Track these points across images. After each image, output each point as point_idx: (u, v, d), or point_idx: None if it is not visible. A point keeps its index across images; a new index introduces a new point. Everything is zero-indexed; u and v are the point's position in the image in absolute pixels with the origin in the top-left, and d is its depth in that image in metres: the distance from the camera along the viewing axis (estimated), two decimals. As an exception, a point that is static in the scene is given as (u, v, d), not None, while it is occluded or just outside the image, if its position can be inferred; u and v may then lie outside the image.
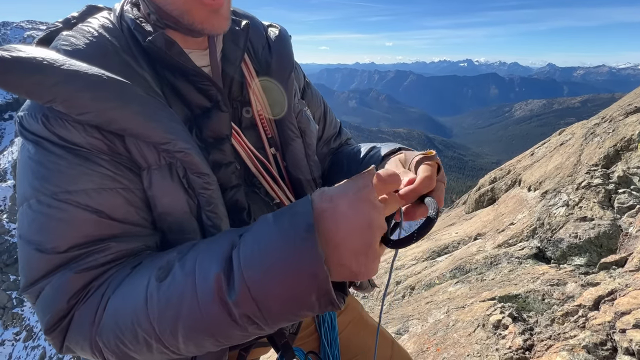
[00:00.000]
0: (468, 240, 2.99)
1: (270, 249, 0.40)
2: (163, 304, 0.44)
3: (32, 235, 0.50)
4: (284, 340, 0.71)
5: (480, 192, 4.33)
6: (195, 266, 0.44)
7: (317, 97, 0.89)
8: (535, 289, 1.61)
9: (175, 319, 0.44)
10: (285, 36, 0.77)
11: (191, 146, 0.55)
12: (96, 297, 0.49)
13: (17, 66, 0.47)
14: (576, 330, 1.26)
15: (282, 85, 0.71)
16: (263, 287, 0.40)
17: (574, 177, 2.41)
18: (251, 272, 0.40)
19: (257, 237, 0.42)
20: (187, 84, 0.60)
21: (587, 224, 1.91)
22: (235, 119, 0.67)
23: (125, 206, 0.53)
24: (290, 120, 0.72)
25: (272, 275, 0.40)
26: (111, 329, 0.47)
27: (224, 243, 0.45)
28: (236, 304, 0.41)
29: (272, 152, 0.71)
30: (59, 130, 0.51)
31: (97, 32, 0.57)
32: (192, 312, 0.43)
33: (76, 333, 0.49)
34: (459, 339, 1.51)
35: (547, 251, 2.00)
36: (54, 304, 0.49)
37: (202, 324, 0.43)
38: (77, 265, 0.50)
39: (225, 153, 0.63)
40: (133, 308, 0.46)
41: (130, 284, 0.49)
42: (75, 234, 0.50)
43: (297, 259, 0.39)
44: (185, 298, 0.43)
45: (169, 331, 0.45)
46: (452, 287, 2.14)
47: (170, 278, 0.45)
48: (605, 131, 2.66)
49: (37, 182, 0.51)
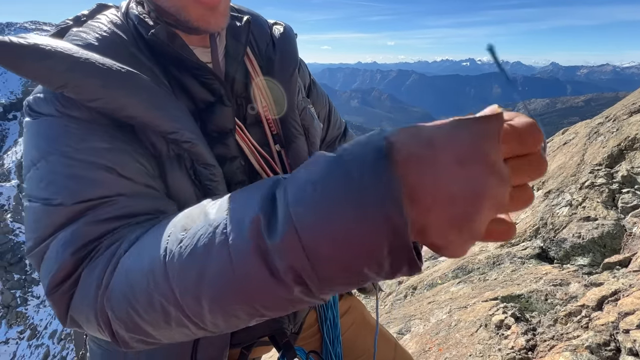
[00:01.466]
0: (470, 240, 2.98)
1: (329, 181, 0.28)
2: (185, 259, 0.35)
3: (40, 192, 0.48)
4: (286, 340, 0.71)
5: (482, 191, 4.31)
6: (227, 210, 0.34)
7: (323, 96, 0.89)
8: (538, 289, 1.60)
9: (200, 277, 0.34)
10: (290, 33, 0.76)
11: (197, 137, 0.56)
12: (106, 255, 0.43)
13: (30, 52, 0.48)
14: (579, 330, 1.26)
15: (285, 83, 0.71)
16: (316, 227, 0.28)
17: (578, 176, 2.40)
18: (301, 207, 0.29)
19: (310, 171, 0.30)
20: (191, 78, 0.61)
21: (591, 223, 1.90)
22: (240, 116, 0.67)
23: (135, 164, 0.52)
24: (293, 118, 0.72)
25: (330, 215, 0.27)
26: (122, 292, 0.39)
27: (266, 182, 0.34)
28: (279, 250, 0.29)
29: (277, 149, 0.71)
30: (72, 111, 0.51)
31: (107, 27, 0.58)
32: (221, 266, 0.32)
33: (81, 298, 0.43)
34: (461, 339, 1.51)
35: (550, 251, 1.99)
36: (57, 258, 0.44)
37: (234, 283, 0.32)
38: (85, 218, 0.46)
39: (229, 147, 0.63)
40: (149, 266, 0.37)
41: (147, 240, 0.41)
42: (84, 189, 0.48)
43: (364, 195, 0.26)
44: (212, 248, 0.33)
45: (191, 294, 0.34)
46: (454, 287, 2.13)
47: (195, 226, 0.35)
48: (609, 130, 2.64)
49: (45, 143, 0.50)
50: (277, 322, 0.70)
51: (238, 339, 0.68)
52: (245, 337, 0.69)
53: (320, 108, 0.87)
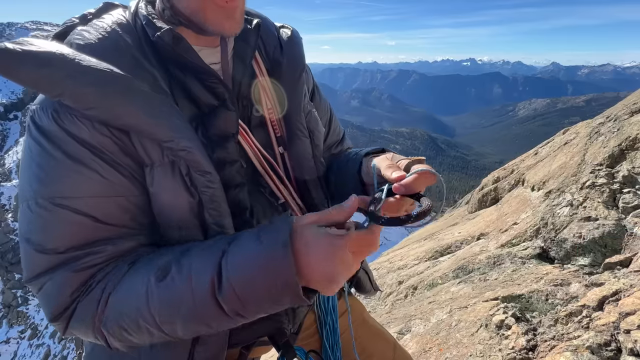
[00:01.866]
0: (471, 240, 2.98)
1: (252, 259, 0.49)
2: (164, 301, 0.51)
3: (32, 235, 0.54)
4: (285, 340, 0.71)
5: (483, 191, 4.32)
6: (191, 271, 0.51)
7: (325, 103, 0.90)
8: (538, 289, 1.60)
9: (174, 314, 0.51)
10: (297, 37, 0.77)
11: (194, 145, 0.56)
12: (97, 291, 0.54)
13: (28, 59, 0.48)
14: (580, 330, 1.25)
15: (292, 85, 0.72)
16: (245, 290, 0.49)
17: (578, 176, 2.40)
18: (235, 278, 0.49)
19: (242, 249, 0.50)
20: (195, 81, 0.61)
21: (592, 223, 1.89)
22: (244, 118, 0.68)
23: (119, 212, 0.56)
24: (299, 120, 0.72)
25: (252, 282, 0.48)
26: (115, 321, 0.53)
27: (215, 252, 0.52)
28: (225, 301, 0.49)
29: (280, 152, 0.71)
30: (68, 125, 0.52)
31: (110, 27, 0.58)
32: (189, 308, 0.50)
33: (79, 322, 0.55)
34: (461, 339, 1.50)
35: (551, 251, 1.99)
36: (57, 299, 0.54)
37: (197, 317, 0.51)
38: (75, 265, 0.54)
39: (230, 151, 0.63)
40: (136, 303, 0.52)
41: (130, 281, 0.54)
42: (73, 237, 0.53)
43: (273, 267, 0.48)
44: (183, 297, 0.50)
45: (168, 323, 0.52)
46: (454, 287, 2.13)
47: (169, 279, 0.51)
48: (610, 130, 2.64)
49: (37, 184, 0.53)
50: (276, 322, 0.70)
51: (237, 339, 0.68)
52: (245, 337, 0.69)
53: (323, 114, 0.87)
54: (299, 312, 0.78)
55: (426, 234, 4.42)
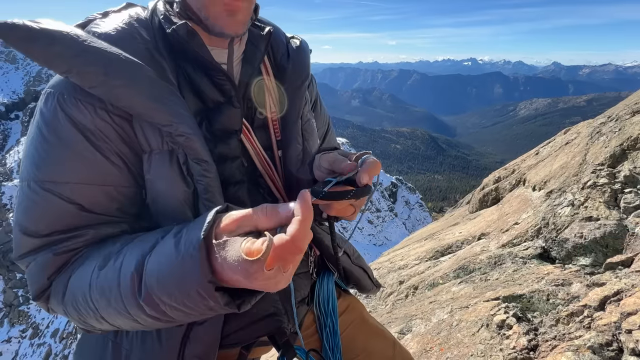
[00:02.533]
0: (472, 240, 2.97)
1: (166, 263, 0.45)
2: (99, 290, 0.51)
3: (19, 216, 0.57)
4: (285, 339, 0.71)
5: (484, 191, 4.31)
6: (122, 262, 0.50)
7: (325, 116, 0.92)
8: (539, 289, 1.60)
9: (107, 304, 0.51)
10: (305, 48, 0.80)
11: (193, 132, 0.57)
12: (68, 271, 0.57)
13: (42, 36, 0.51)
14: (581, 330, 1.25)
15: (294, 91, 0.74)
16: (161, 294, 0.45)
17: (580, 176, 2.39)
18: (151, 280, 0.46)
19: (162, 249, 0.47)
20: (204, 76, 0.63)
21: (593, 223, 1.89)
22: (248, 118, 0.69)
23: (106, 201, 0.57)
24: (296, 125, 0.74)
25: (166, 286, 0.45)
26: (71, 304, 0.55)
27: (147, 245, 0.50)
28: (145, 303, 0.47)
29: (279, 155, 0.73)
30: (72, 109, 0.55)
31: (127, 20, 0.62)
32: (118, 301, 0.49)
33: (53, 301, 0.58)
34: (462, 338, 1.50)
35: (552, 251, 1.99)
36: (38, 279, 0.57)
37: (126, 312, 0.49)
38: (56, 247, 0.56)
39: (232, 147, 0.65)
40: (83, 289, 0.53)
41: (84, 266, 0.55)
42: (56, 221, 0.55)
43: (184, 276, 0.43)
44: (112, 289, 0.49)
45: (105, 312, 0.52)
46: (455, 287, 2.13)
47: (106, 268, 0.52)
48: (611, 130, 2.63)
49: (31, 166, 0.56)
50: (276, 322, 0.71)
51: (237, 339, 0.69)
52: (244, 336, 0.69)
53: (320, 125, 0.89)
54: (298, 311, 0.78)
55: (427, 234, 4.41)
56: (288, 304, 0.73)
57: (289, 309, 0.73)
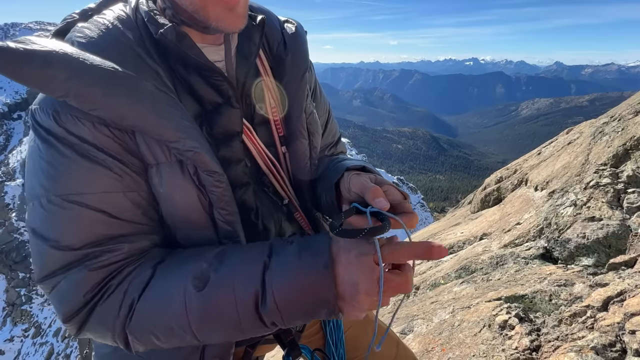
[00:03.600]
0: (473, 240, 2.97)
1: (297, 279, 0.50)
2: (204, 311, 0.51)
3: (47, 232, 0.53)
4: (290, 338, 0.71)
5: (486, 191, 4.30)
6: (233, 282, 0.51)
7: (325, 103, 0.88)
8: (542, 290, 1.59)
9: (214, 324, 0.52)
10: (302, 33, 0.75)
11: (201, 145, 0.55)
12: (118, 294, 0.53)
13: (31, 59, 0.47)
14: (584, 331, 1.25)
15: (295, 84, 0.70)
16: (288, 306, 0.50)
17: (582, 176, 2.38)
18: (280, 294, 0.50)
19: (285, 267, 0.51)
20: (199, 78, 0.60)
21: (596, 224, 1.88)
22: (247, 116, 0.66)
23: (132, 208, 0.55)
24: (300, 121, 0.71)
25: (296, 299, 0.50)
26: (145, 327, 0.53)
27: (256, 264, 0.52)
28: (267, 315, 0.50)
29: (283, 151, 0.70)
30: (69, 126, 0.52)
31: (112, 24, 0.57)
32: (231, 319, 0.51)
33: (97, 325, 0.54)
34: (464, 339, 1.50)
35: (555, 251, 1.98)
36: (71, 298, 0.53)
37: (238, 327, 0.52)
38: (91, 263, 0.53)
39: (235, 150, 0.62)
40: (171, 311, 0.52)
41: (162, 287, 0.53)
42: (87, 233, 0.53)
43: (315, 287, 0.49)
44: (226, 309, 0.51)
45: (207, 330, 0.52)
46: (457, 287, 2.12)
47: (208, 289, 0.52)
48: (614, 130, 2.62)
49: (47, 181, 0.52)
50: None
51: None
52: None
53: (321, 114, 0.85)
54: None
55: (428, 234, 4.40)
56: None
57: None
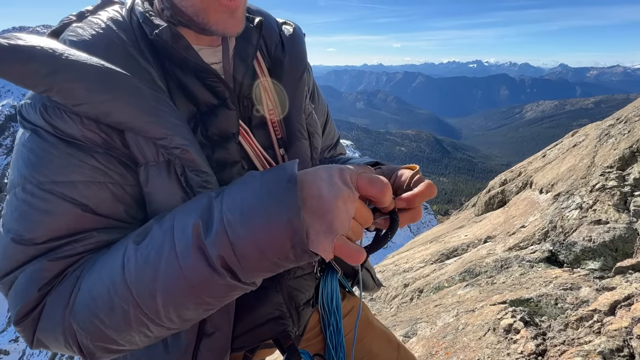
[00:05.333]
0: (478, 242, 2.95)
1: (252, 195, 0.43)
2: (141, 263, 0.44)
3: (12, 224, 0.49)
4: (290, 342, 0.71)
5: (490, 194, 4.27)
6: (173, 222, 0.45)
7: (323, 105, 0.88)
8: (547, 293, 1.57)
9: (154, 277, 0.44)
10: (300, 35, 0.74)
11: (189, 143, 0.53)
12: (70, 279, 0.48)
13: (13, 54, 0.46)
14: (591, 335, 1.23)
15: (293, 85, 0.70)
16: (240, 229, 0.41)
17: (588, 179, 2.36)
18: (230, 214, 0.42)
19: (240, 187, 0.45)
20: (195, 80, 0.59)
21: (602, 227, 1.86)
22: (245, 118, 0.66)
23: (111, 201, 0.52)
24: (299, 122, 0.70)
25: (250, 219, 0.41)
26: (85, 305, 0.46)
27: (203, 197, 0.47)
28: (212, 243, 0.42)
29: (281, 153, 0.70)
30: (56, 121, 0.50)
31: (105, 24, 0.56)
32: (170, 265, 0.43)
33: (48, 321, 0.48)
34: (468, 342, 1.48)
35: (560, 255, 1.96)
36: (24, 293, 0.48)
37: (181, 276, 0.43)
38: (53, 253, 0.49)
39: (231, 152, 0.62)
40: (109, 276, 0.46)
41: (105, 258, 0.48)
42: (56, 226, 0.49)
43: (276, 205, 0.41)
44: (163, 252, 0.44)
45: (147, 292, 0.44)
46: (461, 290, 2.11)
47: (148, 239, 0.46)
48: (620, 132, 2.59)
49: (26, 169, 0.50)
50: (281, 325, 0.70)
51: (242, 342, 0.68)
52: (250, 340, 0.68)
53: (320, 115, 0.84)
54: (303, 313, 0.77)
55: (432, 237, 4.38)
56: (292, 307, 0.72)
57: (293, 312, 0.72)
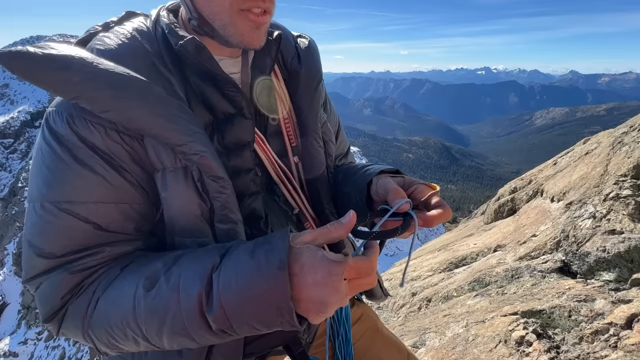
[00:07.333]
0: (487, 251, 2.89)
1: (244, 278, 0.47)
2: (150, 312, 0.50)
3: (33, 238, 0.55)
4: (301, 349, 0.70)
5: (499, 202, 4.21)
6: (179, 282, 0.50)
7: (335, 115, 0.90)
8: (560, 305, 1.53)
9: (160, 326, 0.50)
10: (315, 47, 0.78)
11: (207, 149, 0.56)
12: (88, 293, 0.55)
13: (47, 63, 0.50)
14: (607, 350, 1.19)
15: (310, 95, 0.73)
16: (236, 310, 0.47)
17: (601, 187, 2.31)
18: (227, 296, 0.47)
19: (235, 265, 0.48)
20: (214, 89, 0.62)
21: (616, 237, 1.81)
22: (260, 126, 0.68)
23: (122, 220, 0.56)
24: (315, 131, 0.73)
25: (243, 304, 0.46)
26: (102, 327, 0.53)
27: (206, 263, 0.50)
28: (213, 319, 0.48)
29: (295, 161, 0.72)
30: (82, 130, 0.54)
31: (130, 34, 0.60)
32: (175, 321, 0.49)
33: (70, 323, 0.56)
34: (479, 354, 1.45)
35: (573, 265, 1.91)
36: (50, 300, 0.55)
37: (184, 331, 0.50)
38: (71, 266, 0.55)
39: (245, 159, 0.63)
40: (123, 312, 0.52)
41: (118, 288, 0.54)
42: (72, 242, 0.54)
43: (266, 294, 0.46)
44: (170, 309, 0.49)
45: (154, 333, 0.51)
46: (471, 300, 2.07)
47: (156, 289, 0.51)
48: (634, 140, 2.54)
49: (44, 187, 0.54)
50: (292, 332, 0.70)
51: (252, 349, 0.68)
52: (261, 347, 0.68)
53: (332, 125, 0.87)
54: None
55: (440, 245, 4.32)
56: None
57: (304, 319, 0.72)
